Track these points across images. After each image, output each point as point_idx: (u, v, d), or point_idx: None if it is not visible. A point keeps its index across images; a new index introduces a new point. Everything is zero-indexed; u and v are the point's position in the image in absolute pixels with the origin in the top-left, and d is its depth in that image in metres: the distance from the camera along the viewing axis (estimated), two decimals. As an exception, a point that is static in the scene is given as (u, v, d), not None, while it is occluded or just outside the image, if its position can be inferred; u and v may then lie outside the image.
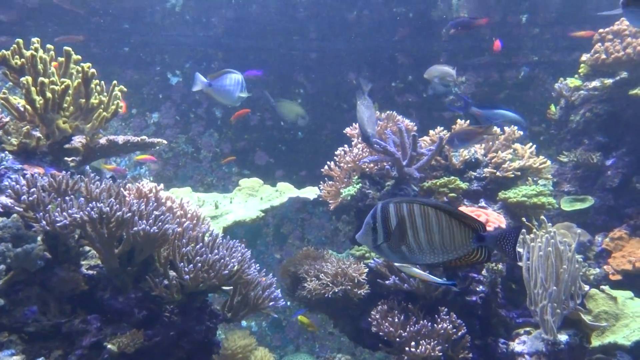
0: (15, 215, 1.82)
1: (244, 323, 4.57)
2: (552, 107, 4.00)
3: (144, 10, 4.94)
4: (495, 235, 1.31)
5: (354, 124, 3.18)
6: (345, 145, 3.11)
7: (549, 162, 2.95)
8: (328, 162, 3.10)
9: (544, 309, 2.09)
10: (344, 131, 3.22)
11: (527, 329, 2.33)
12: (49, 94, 2.05)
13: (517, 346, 2.24)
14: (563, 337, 2.13)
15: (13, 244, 1.78)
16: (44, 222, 1.75)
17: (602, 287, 2.43)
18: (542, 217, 2.56)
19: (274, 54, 5.25)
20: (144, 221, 1.86)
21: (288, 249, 5.02)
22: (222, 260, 1.98)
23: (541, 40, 4.89)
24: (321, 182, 3.16)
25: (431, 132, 3.12)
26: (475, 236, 1.31)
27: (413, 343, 2.20)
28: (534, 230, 2.56)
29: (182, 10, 4.95)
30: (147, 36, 5.10)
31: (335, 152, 3.11)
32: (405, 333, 2.25)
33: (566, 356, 2.11)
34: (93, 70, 2.18)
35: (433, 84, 3.09)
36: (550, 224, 2.47)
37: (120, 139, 2.46)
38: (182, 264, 1.95)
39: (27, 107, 2.08)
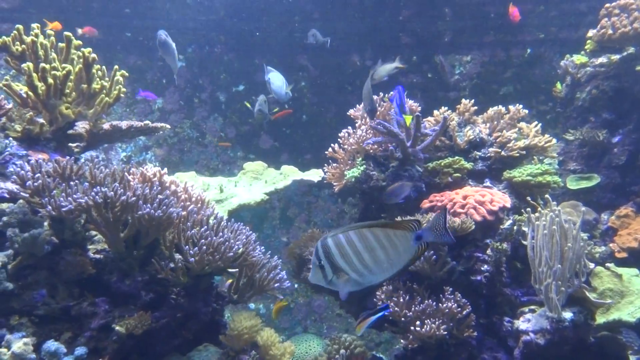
0: (21, 200, 1.84)
1: (251, 305, 4.63)
2: (558, 85, 3.96)
3: (145, -6, 4.91)
4: (429, 227, 1.39)
5: (357, 105, 3.17)
6: (349, 127, 3.10)
7: (554, 141, 2.92)
8: (332, 145, 3.10)
9: (548, 287, 2.09)
10: (347, 113, 3.20)
11: (532, 307, 2.34)
12: (50, 80, 2.05)
13: (521, 324, 2.25)
14: (568, 315, 2.13)
15: (20, 229, 1.80)
16: (49, 207, 1.77)
17: (608, 264, 2.43)
18: (547, 196, 2.55)
19: (277, 35, 5.21)
20: (149, 205, 1.87)
21: (294, 232, 5.05)
22: (227, 243, 2.00)
23: (547, 17, 4.81)
24: (325, 165, 3.16)
25: (435, 112, 3.09)
26: (413, 236, 1.38)
27: (418, 322, 2.22)
28: (539, 209, 2.55)
29: (184, -6, 4.92)
30: (149, 21, 5.07)
31: (339, 134, 3.11)
32: (411, 313, 2.27)
33: (571, 333, 2.12)
34: (94, 55, 2.17)
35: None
36: (555, 203, 2.46)
37: (124, 124, 2.46)
38: (187, 247, 1.97)
39: (30, 93, 2.09)
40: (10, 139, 2.08)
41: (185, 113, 5.31)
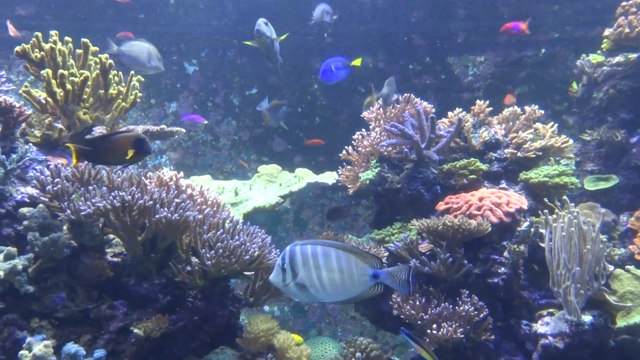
0: (41, 205, 1.86)
1: (266, 308, 4.64)
2: (574, 85, 3.91)
3: (159, 0, 4.96)
4: (389, 272, 1.41)
5: (371, 107, 3.16)
6: (363, 130, 3.09)
7: (571, 141, 2.88)
8: (346, 147, 3.10)
9: (567, 290, 2.07)
10: (361, 115, 3.20)
11: (550, 310, 2.31)
12: (68, 86, 2.08)
13: (540, 327, 2.22)
14: (587, 318, 2.10)
15: (40, 233, 1.82)
16: (68, 211, 1.80)
17: (628, 267, 2.39)
18: (565, 197, 2.51)
19: (289, 39, 5.22)
20: (165, 209, 1.89)
21: (308, 234, 5.05)
22: (243, 246, 2.01)
23: (562, 16, 4.76)
24: (340, 167, 3.15)
25: (450, 113, 3.08)
26: (371, 273, 1.41)
27: (435, 325, 2.20)
28: (557, 210, 2.52)
29: (197, -1, 4.96)
30: (163, 26, 5.12)
31: (353, 137, 3.10)
32: (427, 316, 2.26)
33: (591, 337, 2.09)
34: (111, 61, 2.20)
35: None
36: (573, 204, 2.42)
37: (140, 128, 2.49)
38: (203, 250, 1.98)
39: (48, 99, 2.12)
40: (30, 144, 2.12)
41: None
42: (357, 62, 2.56)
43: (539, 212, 2.52)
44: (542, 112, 2.99)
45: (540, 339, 2.18)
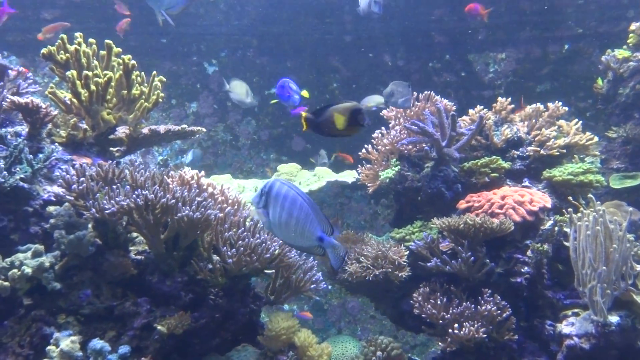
0: (67, 203, 1.90)
1: (285, 307, 4.65)
2: (599, 81, 3.83)
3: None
4: (333, 243, 1.56)
5: (390, 106, 3.15)
6: (383, 128, 3.08)
7: (596, 139, 2.83)
8: (365, 146, 3.09)
9: (593, 290, 2.02)
10: (380, 114, 3.19)
11: (575, 310, 2.26)
12: (93, 87, 2.12)
13: (565, 328, 2.18)
14: (614, 319, 2.06)
15: (66, 231, 1.86)
16: (93, 209, 1.83)
17: (656, 266, 2.33)
18: (590, 195, 2.47)
19: (308, 38, 5.23)
20: (187, 207, 1.91)
21: (327, 233, 5.04)
22: (264, 244, 2.02)
23: (586, 11, 4.66)
24: (359, 166, 3.15)
25: (471, 111, 3.04)
26: (318, 234, 1.56)
27: (456, 325, 2.18)
28: (581, 209, 2.47)
29: (216, -1, 5.00)
30: (183, 27, 5.17)
31: (373, 135, 3.09)
32: (448, 315, 2.24)
33: (617, 338, 2.04)
34: (133, 62, 2.23)
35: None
36: (599, 203, 2.37)
37: (162, 128, 2.52)
38: (225, 248, 1.99)
39: (73, 100, 2.16)
40: (56, 144, 2.16)
41: (219, 117, 5.40)
42: (305, 93, 2.59)
43: (563, 210, 2.48)
44: (566, 109, 2.94)
45: (565, 339, 2.14)
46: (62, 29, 4.03)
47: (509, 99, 3.00)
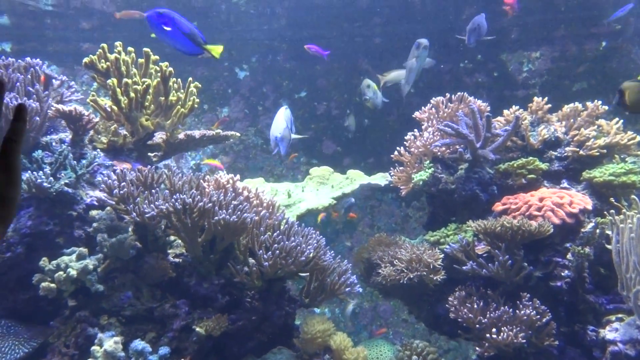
0: (108, 207, 1.96)
1: (317, 310, 4.66)
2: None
3: (211, 8, 5.10)
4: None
5: (422, 107, 3.12)
6: (415, 130, 3.06)
7: (638, 138, 2.73)
8: (398, 148, 3.07)
9: (638, 295, 1.96)
10: (413, 115, 3.16)
11: (619, 315, 2.19)
12: (132, 94, 2.18)
13: (608, 333, 2.12)
14: (660, 325, 1.99)
15: (108, 234, 1.92)
16: (134, 213, 1.88)
17: None
18: (633, 197, 2.39)
19: (338, 41, 5.24)
20: (224, 211, 1.94)
21: (358, 236, 5.03)
22: (299, 247, 2.03)
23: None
24: (391, 168, 3.13)
25: (505, 111, 2.99)
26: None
27: (494, 330, 2.14)
28: (624, 210, 2.39)
29: (247, 5, 5.06)
30: (215, 33, 5.26)
31: (405, 137, 3.07)
32: (486, 319, 2.20)
33: (665, 344, 1.97)
34: (170, 69, 2.29)
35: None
36: (642, 204, 2.29)
37: (197, 133, 2.57)
38: (260, 251, 2.01)
39: (113, 107, 2.23)
40: (98, 150, 2.23)
41: (250, 121, 5.46)
42: (217, 49, 2.22)
43: (605, 212, 2.41)
44: (606, 107, 2.85)
45: (609, 345, 2.08)
46: (139, 16, 4.23)
47: (545, 99, 2.94)
